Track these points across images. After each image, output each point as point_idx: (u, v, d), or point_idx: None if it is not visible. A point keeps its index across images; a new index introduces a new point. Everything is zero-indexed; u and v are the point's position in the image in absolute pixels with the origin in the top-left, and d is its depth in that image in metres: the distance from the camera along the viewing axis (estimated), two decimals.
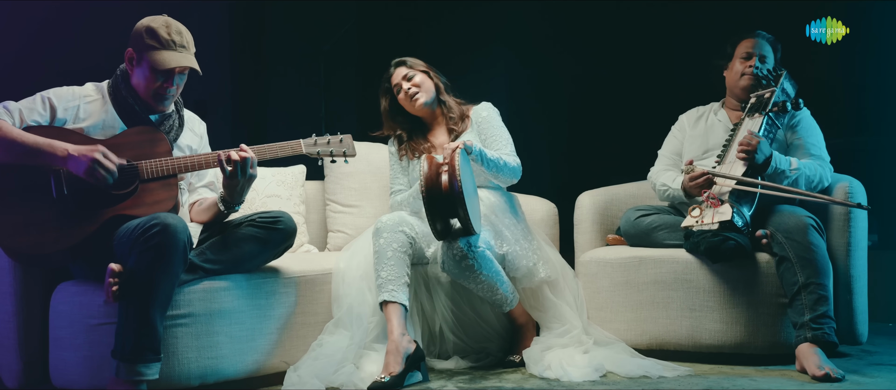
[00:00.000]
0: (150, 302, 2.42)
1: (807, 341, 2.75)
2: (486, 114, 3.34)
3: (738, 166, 3.04)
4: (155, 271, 2.42)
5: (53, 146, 2.53)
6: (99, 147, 2.53)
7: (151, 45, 2.67)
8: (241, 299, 2.71)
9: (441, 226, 2.85)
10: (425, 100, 3.31)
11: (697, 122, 3.48)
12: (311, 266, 2.98)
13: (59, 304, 2.62)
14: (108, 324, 2.51)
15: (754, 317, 2.94)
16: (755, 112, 3.19)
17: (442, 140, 3.35)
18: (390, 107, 3.40)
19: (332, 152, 2.87)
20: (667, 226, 3.20)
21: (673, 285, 3.05)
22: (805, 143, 3.23)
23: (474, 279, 2.90)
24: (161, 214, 2.47)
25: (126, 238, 2.47)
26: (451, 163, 2.80)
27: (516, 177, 3.22)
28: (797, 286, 2.82)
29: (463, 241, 2.88)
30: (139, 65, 2.70)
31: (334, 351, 2.77)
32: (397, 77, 3.34)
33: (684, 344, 3.03)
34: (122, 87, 2.74)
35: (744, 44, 3.39)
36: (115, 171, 2.53)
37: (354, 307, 2.90)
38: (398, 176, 3.37)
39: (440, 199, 2.79)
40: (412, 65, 3.35)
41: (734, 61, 3.39)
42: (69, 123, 2.67)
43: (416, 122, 3.42)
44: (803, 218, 2.92)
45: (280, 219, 2.78)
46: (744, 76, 3.33)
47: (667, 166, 3.46)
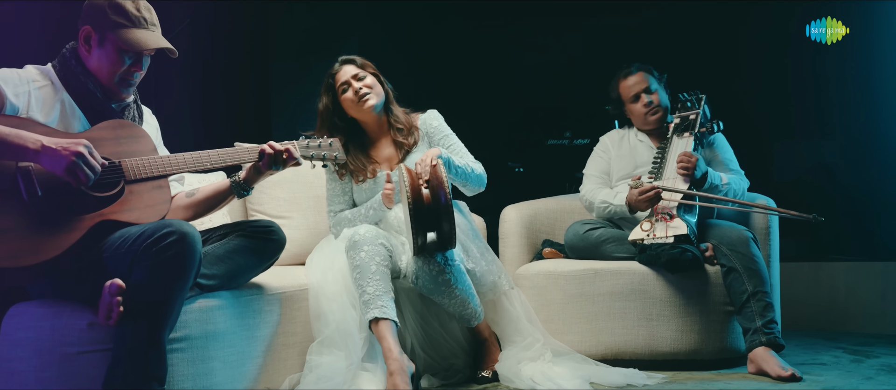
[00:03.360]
0: (162, 322, 2.07)
1: (762, 345, 2.97)
2: (437, 123, 3.22)
3: (679, 182, 3.24)
4: (171, 287, 2.07)
5: (22, 137, 2.08)
6: (82, 140, 2.12)
7: (119, 22, 2.30)
8: (233, 319, 2.40)
9: (422, 241, 2.73)
10: (375, 103, 3.09)
11: (621, 143, 3.65)
12: (287, 281, 2.72)
13: (17, 331, 2.15)
14: (91, 352, 2.12)
15: (706, 325, 3.12)
16: (683, 132, 3.41)
17: (387, 154, 3.17)
18: (332, 106, 3.13)
19: (324, 156, 2.64)
20: (614, 240, 3.31)
21: (630, 296, 3.16)
22: (723, 159, 3.50)
23: (449, 294, 2.81)
24: (173, 221, 2.12)
25: (127, 248, 2.09)
26: (436, 175, 2.71)
27: (483, 184, 3.13)
28: (746, 295, 3.05)
29: (440, 256, 2.78)
30: (101, 45, 2.31)
31: (332, 372, 2.55)
32: (345, 75, 3.10)
33: (641, 353, 3.15)
34: (78, 72, 2.32)
35: (624, 86, 3.59)
36: (99, 170, 2.14)
37: (341, 325, 2.67)
38: (337, 195, 3.14)
39: (424, 213, 2.68)
40: (363, 65, 3.13)
41: (628, 106, 3.60)
42: (22, 113, 2.21)
43: (355, 131, 3.18)
44: (743, 231, 3.16)
45: (272, 228, 2.51)
46: (647, 115, 3.54)
47: (597, 185, 3.58)
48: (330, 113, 3.13)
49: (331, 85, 3.13)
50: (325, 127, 3.14)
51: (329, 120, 3.14)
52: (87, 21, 2.32)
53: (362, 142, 3.20)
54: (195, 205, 2.52)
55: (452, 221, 2.66)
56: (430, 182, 2.69)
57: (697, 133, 3.38)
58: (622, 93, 3.59)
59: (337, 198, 3.15)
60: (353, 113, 3.12)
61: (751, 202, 3.33)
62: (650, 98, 3.52)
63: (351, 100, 3.09)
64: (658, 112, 3.53)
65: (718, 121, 3.42)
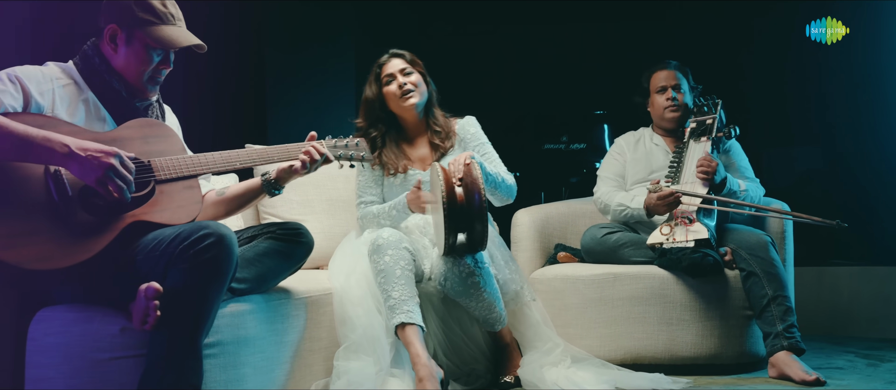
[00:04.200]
0: (199, 327, 2.01)
1: (783, 349, 2.96)
2: (473, 130, 3.21)
3: (698, 186, 3.22)
4: (209, 291, 2.01)
5: (50, 140, 1.98)
6: (114, 149, 2.02)
7: (147, 19, 2.23)
8: (263, 323, 2.34)
9: (453, 241, 2.70)
10: (417, 101, 3.09)
11: (636, 146, 3.64)
12: (312, 285, 2.66)
13: (45, 336, 2.07)
14: (123, 358, 2.04)
15: (725, 329, 3.11)
16: (700, 136, 3.41)
17: (422, 154, 3.16)
18: (376, 96, 3.12)
19: (351, 155, 2.59)
20: (632, 244, 3.29)
21: (650, 300, 3.14)
22: (739, 166, 3.50)
23: (477, 296, 2.77)
24: (209, 222, 2.06)
25: (162, 250, 2.03)
26: (471, 174, 2.68)
27: (512, 196, 3.11)
28: (766, 299, 3.04)
29: (469, 258, 2.75)
30: (128, 44, 2.24)
31: (362, 378, 2.49)
32: (392, 67, 3.10)
33: (661, 357, 3.13)
34: (103, 70, 2.25)
35: (656, 77, 3.62)
36: (131, 181, 2.04)
37: (367, 330, 2.62)
38: (369, 186, 3.12)
39: (457, 212, 2.65)
40: (412, 61, 3.13)
41: (653, 97, 3.61)
42: (47, 112, 2.14)
43: (394, 126, 3.18)
44: (762, 236, 3.16)
45: (300, 230, 2.45)
46: (666, 109, 3.56)
47: (612, 187, 3.56)
48: (372, 103, 3.13)
49: (377, 74, 3.13)
50: (367, 115, 3.15)
51: (371, 109, 3.15)
52: (112, 19, 2.24)
53: (399, 137, 3.19)
54: (226, 203, 2.47)
55: (485, 222, 2.64)
56: (463, 180, 2.67)
57: (715, 137, 3.37)
58: (652, 83, 3.61)
59: (368, 188, 3.13)
60: (394, 107, 3.12)
61: (768, 207, 3.33)
62: (676, 95, 3.52)
63: (393, 94, 3.09)
64: (678, 111, 3.53)
65: (735, 127, 3.42)
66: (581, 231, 3.63)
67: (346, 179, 3.40)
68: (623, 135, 3.74)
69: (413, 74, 3.10)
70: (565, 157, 5.08)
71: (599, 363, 3.04)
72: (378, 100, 3.12)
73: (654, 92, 3.61)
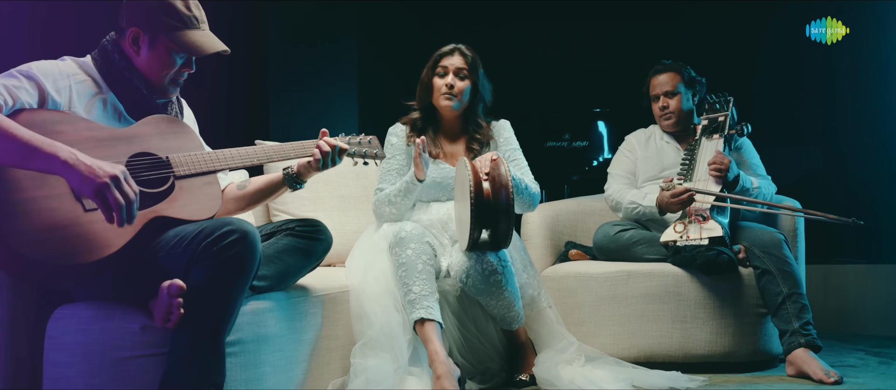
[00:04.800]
0: (222, 325, 1.98)
1: (801, 346, 2.95)
2: (507, 134, 3.19)
3: (711, 184, 3.21)
4: (233, 288, 1.98)
5: (55, 148, 1.88)
6: (118, 167, 1.91)
7: (171, 23, 2.18)
8: (283, 321, 2.31)
9: (477, 236, 2.67)
10: (453, 104, 3.06)
11: (647, 144, 3.62)
12: (329, 282, 2.63)
13: (64, 334, 2.03)
14: (144, 357, 2.01)
15: (740, 327, 3.10)
16: (712, 133, 3.39)
17: (456, 151, 3.14)
18: (426, 82, 3.11)
19: (365, 153, 2.56)
20: (645, 241, 3.28)
21: (664, 298, 3.12)
22: (751, 164, 3.49)
23: (498, 295, 2.75)
24: (232, 219, 2.03)
25: (184, 247, 2.00)
26: (499, 171, 2.67)
27: (535, 205, 3.08)
28: (781, 296, 3.03)
29: (493, 255, 2.72)
30: (152, 47, 2.18)
31: (381, 376, 2.46)
32: (449, 62, 3.08)
33: (675, 355, 3.11)
34: (123, 67, 2.20)
35: (652, 83, 3.63)
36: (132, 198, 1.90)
37: (385, 327, 2.60)
38: (392, 174, 3.07)
39: (484, 207, 2.63)
40: (472, 63, 3.08)
41: (652, 102, 3.61)
42: (64, 109, 2.10)
43: (434, 118, 3.16)
44: (775, 234, 3.15)
45: (319, 227, 2.43)
46: (660, 119, 3.59)
47: (623, 185, 3.55)
48: (424, 87, 3.13)
49: (436, 60, 3.12)
50: (418, 96, 3.16)
51: (421, 92, 3.15)
52: (135, 22, 2.19)
53: (437, 129, 3.18)
54: (248, 197, 2.45)
55: (510, 220, 2.62)
56: (490, 175, 2.65)
57: (727, 135, 3.36)
58: (650, 89, 3.61)
59: (390, 176, 3.09)
60: (434, 98, 3.10)
61: (781, 205, 3.32)
62: (666, 103, 3.52)
63: (437, 86, 3.08)
64: (671, 118, 3.53)
65: (747, 124, 3.41)
66: (591, 228, 3.63)
67: (356, 176, 3.38)
68: (633, 132, 3.73)
69: (465, 80, 3.06)
70: (568, 155, 5.08)
71: (614, 361, 3.02)
72: (426, 86, 3.12)
73: (651, 98, 3.61)
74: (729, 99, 3.47)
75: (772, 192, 3.40)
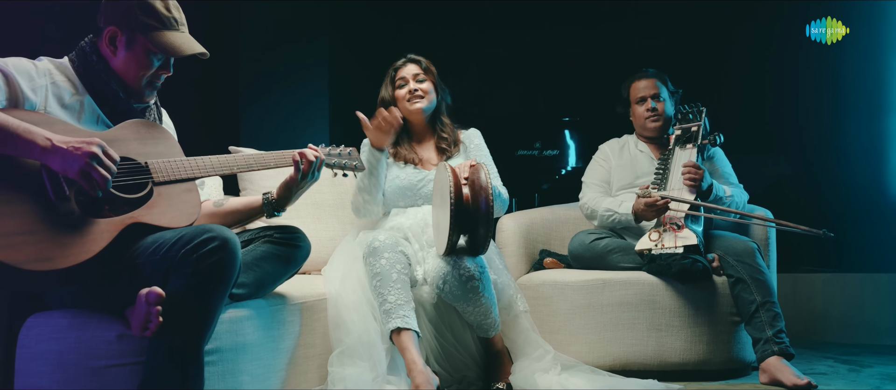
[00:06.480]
0: (201, 334, 1.95)
1: (774, 354, 2.98)
2: (478, 141, 3.29)
3: (685, 193, 3.24)
4: (212, 296, 1.95)
5: (32, 133, 1.89)
6: (95, 139, 1.94)
7: (150, 23, 2.15)
8: (261, 330, 2.28)
9: (455, 241, 2.67)
10: (423, 107, 3.17)
11: (621, 152, 3.64)
12: (306, 290, 2.60)
13: (37, 343, 1.99)
14: (120, 366, 1.97)
15: (714, 335, 3.12)
16: (685, 143, 3.42)
17: (428, 156, 3.22)
18: (388, 98, 3.22)
19: (344, 165, 2.54)
20: (621, 250, 3.29)
21: (639, 306, 3.13)
22: (723, 173, 3.53)
23: (475, 301, 2.75)
24: (213, 226, 1.99)
25: (163, 254, 1.96)
26: (478, 175, 2.67)
27: (504, 209, 3.18)
28: (755, 305, 3.06)
29: (470, 261, 2.72)
30: (129, 47, 2.15)
31: (360, 385, 2.44)
32: (407, 72, 3.21)
33: (650, 363, 3.12)
34: (100, 69, 2.16)
35: (635, 87, 3.65)
36: (114, 171, 1.96)
37: (363, 336, 2.58)
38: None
39: (464, 212, 2.63)
40: (427, 69, 3.23)
41: (633, 106, 3.63)
42: (39, 109, 2.05)
43: (405, 127, 3.23)
44: (748, 243, 3.18)
45: (298, 234, 2.40)
46: (647, 120, 3.59)
47: (598, 193, 3.56)
48: (386, 104, 3.21)
49: (392, 77, 3.23)
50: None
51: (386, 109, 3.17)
52: (112, 21, 2.15)
53: (409, 138, 3.27)
54: (222, 216, 2.43)
55: (489, 226, 2.62)
56: (470, 179, 2.67)
57: (700, 144, 3.39)
58: (632, 93, 3.64)
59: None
60: (402, 109, 3.17)
61: (753, 214, 3.35)
62: (655, 105, 3.54)
63: (402, 97, 3.18)
64: (659, 120, 3.55)
65: (719, 134, 3.44)
66: (565, 236, 3.63)
67: (331, 184, 3.35)
68: (607, 141, 3.74)
69: (425, 82, 3.19)
70: (538, 164, 5.08)
71: (590, 369, 3.02)
72: (390, 101, 3.21)
73: (635, 102, 3.64)
74: (702, 109, 3.50)
75: (744, 200, 3.44)
